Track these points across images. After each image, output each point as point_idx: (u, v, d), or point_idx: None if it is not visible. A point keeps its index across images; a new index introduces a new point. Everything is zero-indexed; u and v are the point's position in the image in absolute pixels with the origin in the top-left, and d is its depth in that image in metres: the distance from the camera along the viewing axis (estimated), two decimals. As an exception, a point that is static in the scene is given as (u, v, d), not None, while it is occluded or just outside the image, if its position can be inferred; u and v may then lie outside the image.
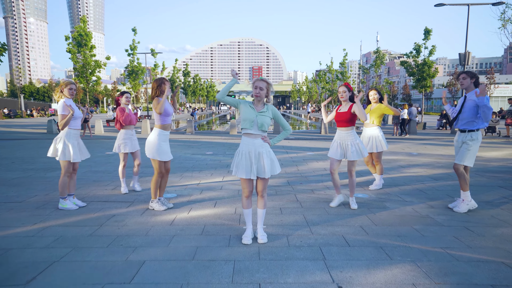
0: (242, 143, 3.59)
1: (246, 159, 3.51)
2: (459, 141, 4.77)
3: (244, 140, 3.57)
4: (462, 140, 4.70)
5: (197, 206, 4.99)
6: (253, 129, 3.51)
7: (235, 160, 3.61)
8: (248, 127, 3.51)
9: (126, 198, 5.38)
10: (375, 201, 5.21)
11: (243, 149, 3.55)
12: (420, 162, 8.77)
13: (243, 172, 3.51)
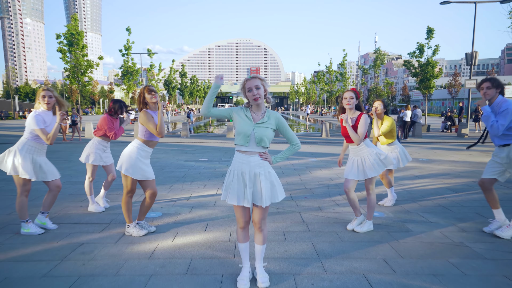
0: (234, 160, 2.79)
1: (238, 181, 2.72)
2: (503, 157, 3.90)
3: (237, 157, 2.76)
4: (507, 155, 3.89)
5: (185, 229, 4.19)
6: (249, 145, 2.70)
7: (226, 181, 2.82)
8: (242, 143, 2.70)
9: (102, 218, 4.58)
10: (395, 222, 4.43)
11: (236, 168, 2.76)
12: (434, 171, 8.01)
13: (234, 197, 2.71)
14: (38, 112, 3.89)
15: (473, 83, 16.12)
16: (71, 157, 10.22)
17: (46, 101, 3.90)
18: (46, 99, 3.92)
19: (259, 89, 2.66)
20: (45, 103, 3.91)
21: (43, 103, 3.93)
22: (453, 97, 53.49)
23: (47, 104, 3.92)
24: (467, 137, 16.29)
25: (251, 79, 2.69)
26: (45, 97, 3.90)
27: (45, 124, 3.88)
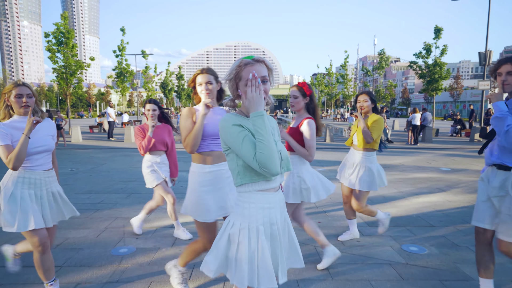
0: (253, 209, 1.57)
1: (274, 242, 1.59)
2: (496, 187, 2.42)
3: (259, 202, 1.57)
4: (502, 185, 2.40)
5: (162, 277, 3.06)
6: (277, 176, 1.63)
7: (248, 254, 1.53)
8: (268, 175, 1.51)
9: (54, 258, 3.44)
10: (444, 263, 3.32)
11: (260, 221, 1.56)
12: (463, 183, 6.90)
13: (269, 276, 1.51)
14: (6, 122, 2.46)
15: (487, 84, 15.08)
16: (47, 166, 9.07)
17: (23, 101, 2.46)
18: (23, 99, 2.46)
19: (266, 82, 1.58)
20: (21, 105, 2.46)
21: (16, 107, 2.48)
22: (455, 100, 52.60)
23: (24, 108, 2.47)
24: (476, 141, 15.23)
25: (254, 63, 1.55)
26: (22, 96, 2.45)
27: (14, 138, 2.40)
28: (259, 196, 1.58)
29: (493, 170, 2.47)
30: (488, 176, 2.50)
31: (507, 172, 2.36)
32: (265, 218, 1.57)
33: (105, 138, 17.76)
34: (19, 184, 2.42)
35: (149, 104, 3.76)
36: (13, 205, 2.39)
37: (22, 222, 2.38)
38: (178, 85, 50.55)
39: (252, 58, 1.58)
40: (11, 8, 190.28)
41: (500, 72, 2.44)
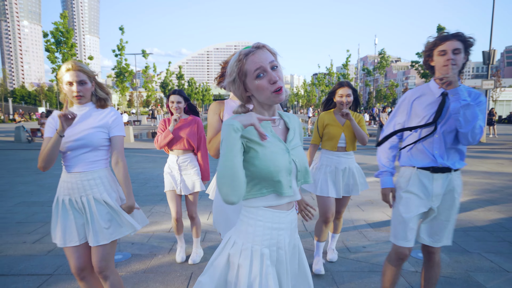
0: (260, 228, 1.31)
1: (281, 268, 1.34)
2: (433, 192, 2.09)
3: (266, 221, 1.31)
4: (445, 189, 2.11)
5: (158, 285, 2.89)
6: (291, 190, 1.31)
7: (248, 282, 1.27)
8: (281, 189, 1.28)
9: (45, 264, 3.27)
10: (456, 272, 3.14)
11: (266, 243, 1.31)
12: (470, 185, 6.72)
13: None
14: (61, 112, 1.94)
15: (491, 83, 14.89)
16: (44, 167, 8.89)
17: (73, 91, 1.97)
18: (74, 87, 1.97)
19: (276, 68, 1.30)
20: (72, 95, 1.99)
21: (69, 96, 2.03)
22: (456, 100, 52.39)
23: (76, 98, 2.00)
24: (479, 142, 15.04)
25: (255, 51, 1.30)
26: (72, 84, 1.96)
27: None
28: (267, 214, 1.31)
29: (426, 175, 2.07)
30: (420, 185, 2.09)
31: (448, 174, 2.06)
32: (272, 240, 1.32)
33: (104, 138, 17.60)
34: (61, 188, 2.03)
35: (173, 96, 3.19)
36: (53, 214, 2.03)
37: (58, 235, 1.98)
38: (178, 85, 50.40)
39: (250, 47, 1.33)
40: (11, 8, 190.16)
41: (444, 50, 1.96)
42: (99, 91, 2.08)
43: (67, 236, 1.95)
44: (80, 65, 1.93)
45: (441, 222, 2.12)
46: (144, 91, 49.98)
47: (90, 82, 2.02)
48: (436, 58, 2.01)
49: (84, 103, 2.04)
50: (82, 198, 1.97)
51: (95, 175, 2.01)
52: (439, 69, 2.01)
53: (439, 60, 1.99)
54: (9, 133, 21.56)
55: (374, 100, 40.06)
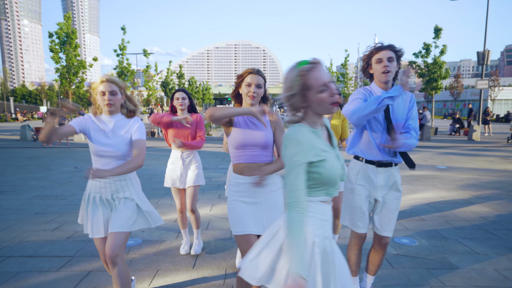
0: (310, 221, 1.47)
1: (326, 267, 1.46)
2: (377, 185, 2.40)
3: (316, 215, 1.50)
4: (387, 182, 2.42)
5: (168, 265, 3.28)
6: (337, 189, 1.58)
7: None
8: (332, 191, 1.53)
9: (66, 248, 3.66)
10: (432, 254, 3.53)
11: (317, 233, 1.48)
12: (458, 180, 7.11)
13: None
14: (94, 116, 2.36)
15: (485, 83, 15.27)
16: (52, 164, 9.29)
17: (105, 100, 2.27)
18: (106, 96, 2.27)
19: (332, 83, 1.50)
20: (105, 103, 2.28)
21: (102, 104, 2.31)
22: (455, 99, 52.77)
23: (108, 106, 2.28)
24: (474, 140, 15.43)
25: (316, 66, 1.45)
26: (105, 93, 2.26)
27: (84, 129, 2.31)
28: (318, 207, 1.49)
29: (371, 169, 2.39)
30: (367, 178, 2.40)
31: (389, 168, 2.39)
32: (320, 230, 1.48)
33: (107, 137, 18.01)
34: (92, 187, 2.34)
35: (178, 93, 3.43)
36: (83, 208, 2.38)
37: (89, 227, 2.33)
38: (179, 84, 50.74)
39: (308, 62, 1.44)
40: (11, 7, 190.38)
41: (380, 58, 2.28)
42: (128, 103, 2.38)
43: (94, 228, 2.29)
44: (113, 78, 2.27)
45: (389, 213, 2.44)
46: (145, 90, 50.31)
47: (120, 94, 2.30)
48: (374, 66, 2.33)
49: (114, 113, 2.32)
50: (113, 196, 2.30)
51: (125, 177, 2.32)
52: (378, 76, 2.34)
53: (377, 68, 2.31)
54: (14, 132, 21.97)
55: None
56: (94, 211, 2.30)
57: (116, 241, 2.21)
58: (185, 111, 3.47)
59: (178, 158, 3.49)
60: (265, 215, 2.14)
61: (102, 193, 2.29)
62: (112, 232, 2.22)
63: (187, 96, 3.45)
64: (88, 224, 2.33)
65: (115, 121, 2.31)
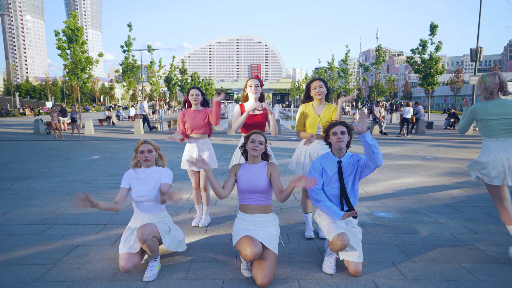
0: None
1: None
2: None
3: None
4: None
5: (184, 231, 4.02)
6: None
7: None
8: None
9: (99, 219, 4.42)
10: (402, 223, 4.27)
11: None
12: (440, 169, 7.83)
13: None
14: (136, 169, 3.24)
15: (477, 79, 15.88)
16: (70, 154, 10.07)
17: (144, 157, 3.12)
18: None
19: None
20: (143, 160, 3.14)
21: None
22: (456, 94, 53.25)
23: (145, 162, 3.15)
24: (467, 134, 16.09)
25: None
26: (143, 152, 3.12)
27: (131, 185, 3.16)
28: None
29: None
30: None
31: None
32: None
33: (116, 131, 18.78)
34: (133, 222, 3.16)
35: (193, 89, 4.14)
36: (124, 235, 3.11)
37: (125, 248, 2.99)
38: (181, 80, 51.38)
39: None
40: (14, 2, 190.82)
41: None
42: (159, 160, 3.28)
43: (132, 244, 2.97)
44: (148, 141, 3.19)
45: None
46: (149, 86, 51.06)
47: (155, 151, 3.17)
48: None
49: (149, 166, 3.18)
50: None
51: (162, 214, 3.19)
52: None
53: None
54: (25, 126, 22.79)
55: (375, 94, 40.97)
56: (132, 234, 3.05)
57: (156, 231, 2.98)
58: (198, 105, 4.18)
59: (194, 146, 4.16)
60: (262, 236, 2.85)
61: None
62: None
63: (200, 93, 4.15)
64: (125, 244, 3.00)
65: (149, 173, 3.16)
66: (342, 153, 3.14)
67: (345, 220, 3.09)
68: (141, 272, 3.00)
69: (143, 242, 2.82)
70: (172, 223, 3.25)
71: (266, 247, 2.83)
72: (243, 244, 2.72)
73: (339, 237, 2.81)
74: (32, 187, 6.06)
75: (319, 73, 49.16)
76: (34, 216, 4.50)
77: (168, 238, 3.06)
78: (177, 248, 3.18)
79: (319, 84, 3.73)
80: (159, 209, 3.17)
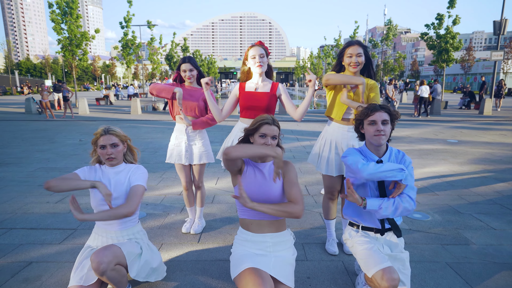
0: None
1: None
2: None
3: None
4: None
5: (172, 239, 3.19)
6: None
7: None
8: None
9: (69, 220, 3.58)
10: (446, 229, 3.39)
11: None
12: (470, 155, 6.90)
13: None
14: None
15: (500, 54, 14.68)
16: (56, 137, 9.21)
17: (106, 153, 2.20)
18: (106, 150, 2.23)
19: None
20: (105, 158, 2.23)
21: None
22: (466, 72, 51.43)
23: (108, 160, 2.25)
24: (485, 114, 15.03)
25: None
26: (105, 147, 2.19)
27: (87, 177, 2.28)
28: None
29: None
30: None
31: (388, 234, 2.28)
32: None
33: (112, 110, 17.90)
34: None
35: (184, 64, 3.11)
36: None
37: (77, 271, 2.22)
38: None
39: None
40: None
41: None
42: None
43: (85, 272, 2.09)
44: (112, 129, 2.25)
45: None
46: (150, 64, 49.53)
47: (122, 144, 2.28)
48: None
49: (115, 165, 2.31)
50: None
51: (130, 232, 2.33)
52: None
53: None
54: (19, 105, 21.90)
55: (381, 73, 39.50)
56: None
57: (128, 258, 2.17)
58: (194, 83, 3.20)
59: (183, 132, 3.20)
60: (272, 265, 1.98)
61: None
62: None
63: (194, 67, 3.12)
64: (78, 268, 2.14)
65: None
66: (382, 150, 2.19)
67: (388, 242, 2.20)
68: (105, 309, 2.16)
69: (101, 274, 1.95)
70: (146, 242, 2.36)
71: (280, 281, 1.96)
72: (247, 283, 1.83)
73: (384, 275, 1.89)
74: (1, 176, 5.22)
75: (324, 51, 47.47)
76: (-10, 216, 3.68)
77: (136, 265, 2.17)
78: (148, 277, 2.29)
79: (357, 51, 2.67)
80: (129, 222, 2.29)
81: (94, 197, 2.19)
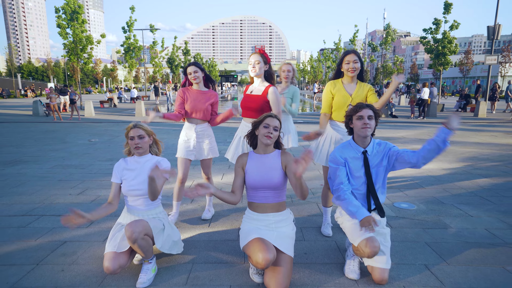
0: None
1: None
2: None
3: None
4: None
5: (185, 225, 3.61)
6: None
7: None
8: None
9: (92, 209, 4.00)
10: (429, 216, 3.82)
11: None
12: (459, 154, 7.33)
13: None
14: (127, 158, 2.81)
15: (494, 59, 15.14)
16: (67, 137, 9.65)
17: (134, 143, 2.65)
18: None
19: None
20: (133, 147, 2.66)
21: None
22: (464, 76, 51.93)
23: (136, 150, 2.68)
24: (480, 117, 15.46)
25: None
26: (133, 138, 2.63)
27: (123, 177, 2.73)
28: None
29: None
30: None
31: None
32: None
33: (117, 112, 18.33)
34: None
35: (189, 67, 3.42)
36: (113, 230, 2.72)
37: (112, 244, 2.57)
38: (184, 61, 50.47)
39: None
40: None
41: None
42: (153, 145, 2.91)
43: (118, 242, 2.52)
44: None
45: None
46: (151, 67, 50.13)
47: (147, 137, 2.74)
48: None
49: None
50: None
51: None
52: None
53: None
54: (25, 107, 22.36)
55: (381, 76, 40.03)
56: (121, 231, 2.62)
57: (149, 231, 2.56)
58: (201, 84, 3.54)
59: (192, 130, 3.51)
60: (275, 238, 2.41)
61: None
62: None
63: (199, 69, 3.42)
64: (112, 242, 2.56)
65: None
66: (367, 141, 2.64)
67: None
68: (135, 275, 2.59)
69: (133, 241, 2.38)
70: (167, 221, 2.80)
71: (281, 251, 2.39)
72: (254, 249, 2.27)
73: (368, 244, 2.35)
74: (23, 172, 5.65)
75: (324, 54, 48.00)
76: (21, 205, 4.10)
77: (161, 238, 2.61)
78: (171, 250, 2.73)
79: (353, 58, 3.08)
80: (153, 204, 2.73)
81: (125, 185, 2.65)
